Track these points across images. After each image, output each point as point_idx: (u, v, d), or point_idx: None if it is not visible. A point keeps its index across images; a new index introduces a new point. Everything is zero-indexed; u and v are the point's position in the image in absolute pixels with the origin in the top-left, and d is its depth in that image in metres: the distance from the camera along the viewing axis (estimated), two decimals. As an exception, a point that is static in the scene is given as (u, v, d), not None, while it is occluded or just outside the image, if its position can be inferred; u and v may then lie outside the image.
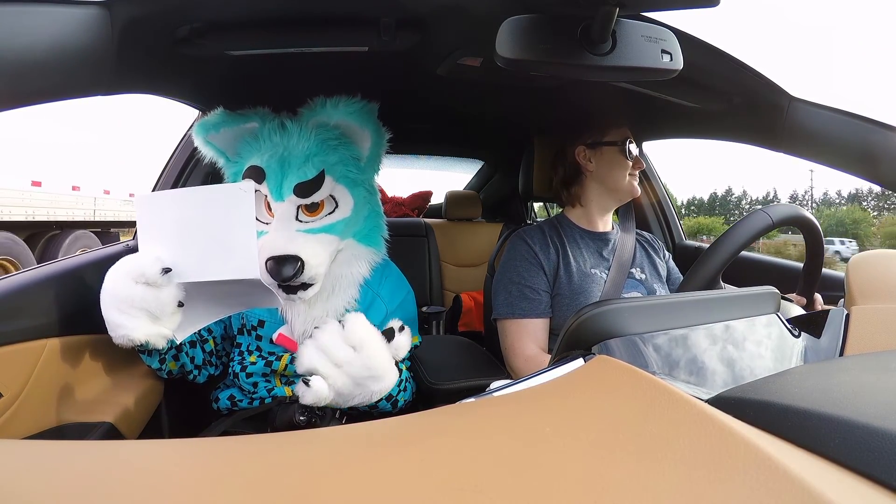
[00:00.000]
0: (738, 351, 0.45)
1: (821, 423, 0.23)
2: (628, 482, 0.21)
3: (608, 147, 1.03)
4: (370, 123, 0.78)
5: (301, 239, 0.73)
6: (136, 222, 0.66)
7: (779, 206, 0.72)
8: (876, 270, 0.55)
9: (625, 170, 1.02)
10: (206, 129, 0.80)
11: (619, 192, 1.04)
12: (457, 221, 2.02)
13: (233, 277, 0.62)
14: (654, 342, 0.41)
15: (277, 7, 0.65)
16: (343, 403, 0.74)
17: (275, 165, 0.75)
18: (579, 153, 1.08)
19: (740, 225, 0.70)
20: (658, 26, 0.54)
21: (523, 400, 0.32)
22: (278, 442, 0.28)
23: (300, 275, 0.71)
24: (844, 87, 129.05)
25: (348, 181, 0.79)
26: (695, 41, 0.69)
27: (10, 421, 0.60)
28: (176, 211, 0.64)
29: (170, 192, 0.67)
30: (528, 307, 0.96)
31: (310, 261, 0.71)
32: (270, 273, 0.70)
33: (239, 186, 0.61)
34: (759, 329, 0.48)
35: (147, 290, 0.62)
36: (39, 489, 0.21)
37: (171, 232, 0.64)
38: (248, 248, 0.61)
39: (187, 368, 0.80)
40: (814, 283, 0.78)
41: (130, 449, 0.28)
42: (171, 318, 0.65)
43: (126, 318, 0.63)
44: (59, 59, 0.52)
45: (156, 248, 0.64)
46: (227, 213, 0.61)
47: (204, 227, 0.62)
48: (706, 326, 0.45)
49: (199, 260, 0.63)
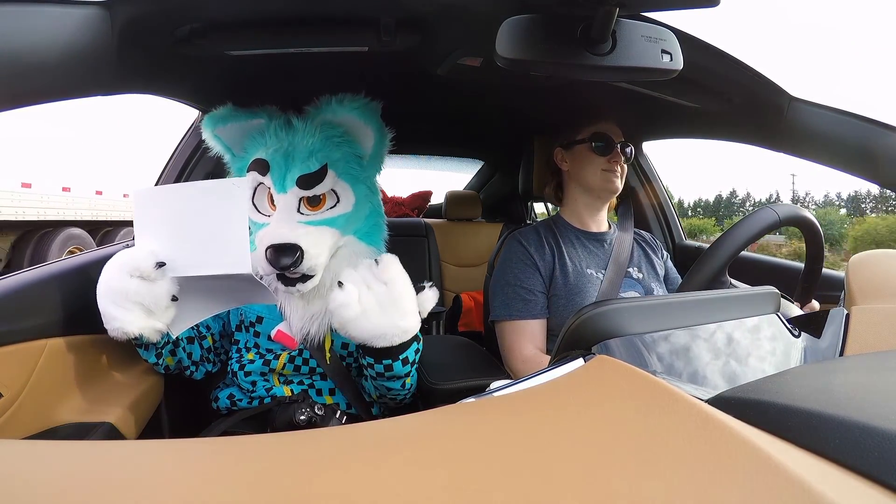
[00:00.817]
0: (738, 351, 0.45)
1: (821, 423, 0.23)
2: (628, 482, 0.21)
3: (579, 145, 1.04)
4: (373, 121, 0.79)
5: (302, 229, 0.73)
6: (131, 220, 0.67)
7: (785, 205, 0.71)
8: (876, 270, 0.55)
9: (596, 166, 1.02)
10: (214, 123, 0.80)
11: (593, 189, 1.04)
12: (457, 221, 2.02)
13: (225, 272, 0.63)
14: (654, 342, 0.41)
15: (277, 7, 0.65)
16: (368, 334, 0.70)
17: (279, 159, 0.76)
18: (557, 154, 1.10)
19: (748, 220, 0.69)
20: (658, 26, 0.54)
21: (523, 400, 0.32)
22: (278, 442, 0.28)
23: (299, 264, 0.71)
24: (846, 87, 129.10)
25: (350, 178, 0.79)
26: (695, 41, 0.69)
27: (10, 421, 0.60)
28: (171, 206, 0.65)
29: (166, 187, 0.68)
30: (525, 309, 0.96)
31: (309, 250, 0.71)
32: (270, 261, 0.70)
33: (233, 182, 0.62)
34: (759, 329, 0.48)
35: (141, 283, 0.63)
36: (39, 489, 0.21)
37: (167, 226, 0.65)
38: (241, 243, 0.62)
39: (184, 364, 0.80)
40: (812, 286, 0.78)
41: (130, 449, 0.28)
42: (165, 312, 0.67)
43: (120, 311, 0.64)
44: (59, 59, 0.53)
45: (151, 242, 0.65)
46: (221, 208, 0.62)
47: (198, 223, 0.63)
48: (706, 326, 0.45)
49: (192, 254, 0.64)
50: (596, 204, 1.07)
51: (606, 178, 1.02)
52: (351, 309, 0.68)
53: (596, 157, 1.01)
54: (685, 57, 0.55)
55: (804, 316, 0.60)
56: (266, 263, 0.70)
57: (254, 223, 0.77)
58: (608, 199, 1.07)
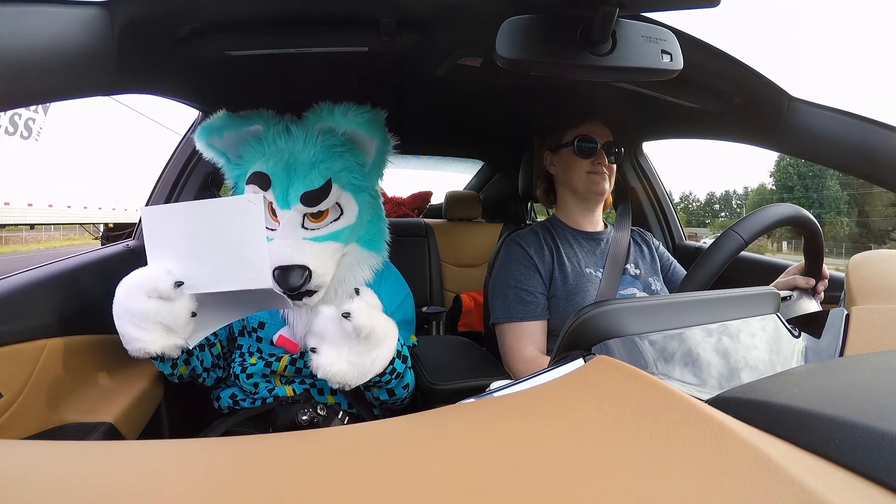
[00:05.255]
0: (738, 351, 0.45)
1: (821, 424, 0.23)
2: (628, 483, 0.21)
3: (564, 148, 1.04)
4: (378, 132, 0.78)
5: (308, 248, 0.73)
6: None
7: (785, 205, 0.67)
8: (876, 270, 0.55)
9: (580, 169, 1.02)
10: (209, 133, 0.79)
11: (578, 191, 1.04)
12: (457, 221, 2.02)
13: (246, 288, 0.63)
14: (653, 342, 0.41)
15: (277, 8, 0.65)
16: (357, 374, 0.68)
17: (280, 172, 0.75)
18: (546, 157, 1.10)
19: (752, 217, 0.65)
20: (658, 26, 0.55)
21: (523, 400, 0.32)
22: (280, 442, 0.28)
23: (307, 283, 0.71)
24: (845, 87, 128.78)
25: (353, 188, 0.79)
26: (695, 41, 0.69)
27: (10, 421, 0.60)
28: (185, 224, 0.63)
29: (177, 205, 0.67)
30: (525, 310, 0.96)
31: (317, 269, 0.72)
32: (278, 281, 0.70)
33: (248, 199, 0.61)
34: (758, 329, 0.48)
35: (161, 303, 0.62)
36: (39, 489, 0.21)
37: (181, 245, 0.63)
38: (260, 258, 0.61)
39: (197, 372, 0.80)
40: (818, 260, 0.74)
41: (130, 449, 0.28)
42: (185, 329, 0.65)
43: (141, 332, 0.62)
44: (59, 59, 0.52)
45: (165, 261, 0.64)
46: (236, 225, 0.61)
47: (214, 240, 0.62)
48: (706, 327, 0.45)
49: (210, 272, 0.63)
50: (586, 205, 1.07)
51: (592, 180, 1.01)
52: (335, 370, 0.66)
53: (580, 160, 1.01)
54: (685, 57, 0.55)
55: (804, 316, 0.60)
56: (273, 282, 0.69)
57: None
58: (597, 201, 1.06)
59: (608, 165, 1.02)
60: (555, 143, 1.07)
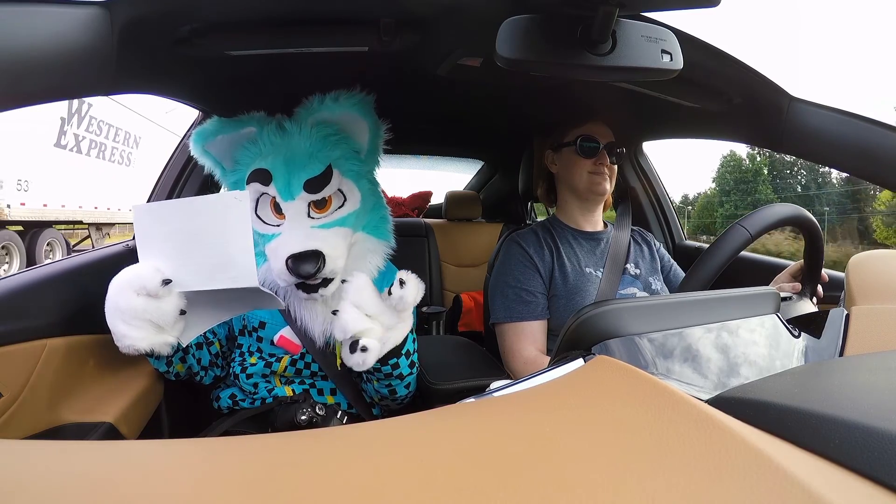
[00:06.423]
0: (738, 351, 0.45)
1: (821, 424, 0.23)
2: (628, 482, 0.21)
3: (566, 147, 1.04)
4: (369, 116, 0.78)
5: (318, 234, 0.73)
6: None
7: (786, 205, 0.67)
8: (876, 270, 0.55)
9: (582, 168, 1.02)
10: (203, 138, 0.79)
11: (579, 191, 1.04)
12: (457, 221, 2.01)
13: (231, 286, 0.63)
14: (653, 342, 0.41)
15: (277, 7, 0.64)
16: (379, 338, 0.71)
17: (280, 166, 0.75)
18: (547, 156, 1.10)
19: (752, 215, 0.65)
20: (658, 26, 0.55)
21: (523, 400, 0.32)
22: (279, 442, 0.28)
23: (322, 269, 0.70)
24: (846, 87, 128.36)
25: (353, 174, 0.79)
26: (695, 41, 0.69)
27: (10, 421, 0.60)
28: (173, 221, 0.64)
29: (166, 202, 0.67)
30: (526, 310, 0.96)
31: (330, 253, 0.71)
32: (291, 271, 0.69)
33: (233, 195, 0.61)
34: (759, 329, 0.48)
35: (149, 301, 0.62)
36: (39, 489, 0.21)
37: (170, 242, 0.64)
38: (246, 256, 0.61)
39: (194, 370, 0.80)
40: (817, 262, 0.73)
41: (130, 449, 0.28)
42: (174, 326, 0.66)
43: (130, 329, 0.63)
44: (59, 59, 0.52)
45: (155, 258, 0.64)
46: (223, 222, 0.61)
47: (201, 237, 0.62)
48: (706, 327, 0.45)
49: (198, 269, 0.63)
50: (587, 205, 1.07)
51: (593, 180, 1.01)
52: (362, 326, 0.68)
53: (582, 160, 1.01)
54: (685, 57, 0.55)
55: (804, 316, 0.60)
56: (287, 274, 0.70)
57: (261, 235, 0.76)
58: (597, 202, 1.07)
59: (609, 166, 1.03)
60: (556, 142, 1.07)
